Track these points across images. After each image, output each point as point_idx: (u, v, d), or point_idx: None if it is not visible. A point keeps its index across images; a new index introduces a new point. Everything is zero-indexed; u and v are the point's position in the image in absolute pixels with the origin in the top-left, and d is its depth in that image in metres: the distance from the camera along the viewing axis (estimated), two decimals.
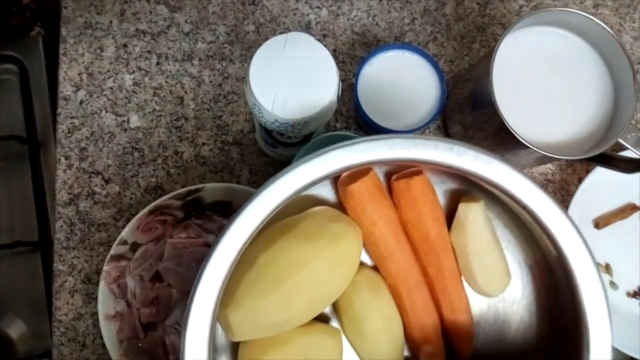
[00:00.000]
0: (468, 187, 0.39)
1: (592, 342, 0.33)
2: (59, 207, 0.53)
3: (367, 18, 0.57)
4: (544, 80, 0.47)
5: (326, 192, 0.39)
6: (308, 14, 0.57)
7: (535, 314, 0.40)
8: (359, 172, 0.36)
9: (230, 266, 0.32)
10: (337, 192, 0.39)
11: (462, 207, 0.38)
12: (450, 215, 0.39)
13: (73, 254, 0.52)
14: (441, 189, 0.40)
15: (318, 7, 0.57)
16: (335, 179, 0.38)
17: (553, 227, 0.34)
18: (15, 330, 0.67)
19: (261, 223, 0.32)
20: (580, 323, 0.34)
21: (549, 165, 0.57)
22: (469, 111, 0.50)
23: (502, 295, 0.41)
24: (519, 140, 0.42)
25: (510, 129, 0.42)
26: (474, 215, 0.38)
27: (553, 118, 0.46)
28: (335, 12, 0.57)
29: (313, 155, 0.33)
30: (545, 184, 0.56)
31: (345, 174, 0.36)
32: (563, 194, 0.56)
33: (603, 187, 0.53)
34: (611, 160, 0.47)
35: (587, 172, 0.53)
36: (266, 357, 0.34)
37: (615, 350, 0.52)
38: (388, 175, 0.39)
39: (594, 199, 0.54)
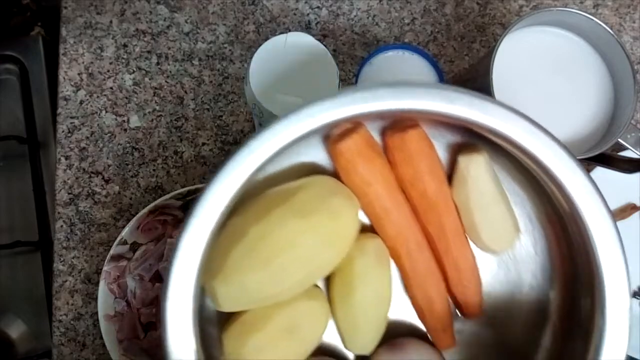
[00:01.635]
0: (470, 138, 0.36)
1: (607, 301, 0.31)
2: (59, 207, 0.53)
3: (367, 18, 0.57)
4: (544, 80, 0.47)
5: (322, 157, 0.37)
6: (308, 14, 0.57)
7: (549, 271, 0.37)
8: (350, 129, 0.34)
9: (212, 232, 0.30)
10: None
11: (463, 160, 0.36)
12: (453, 171, 0.37)
13: (73, 254, 0.52)
14: (442, 143, 0.37)
15: (318, 7, 0.57)
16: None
17: (564, 177, 0.31)
18: (15, 330, 0.67)
19: (241, 188, 0.31)
20: (595, 279, 0.32)
21: None
22: None
23: (513, 254, 0.38)
24: None
25: None
26: (476, 168, 0.35)
27: (553, 118, 0.46)
28: (335, 12, 0.57)
29: (291, 112, 0.31)
30: None
31: (336, 132, 0.34)
32: None
33: (603, 187, 0.53)
34: (611, 160, 0.47)
35: (587, 172, 0.53)
36: (251, 343, 0.33)
37: None
38: (384, 132, 0.36)
39: None
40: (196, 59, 0.55)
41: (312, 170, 0.36)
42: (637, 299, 0.55)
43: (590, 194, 0.31)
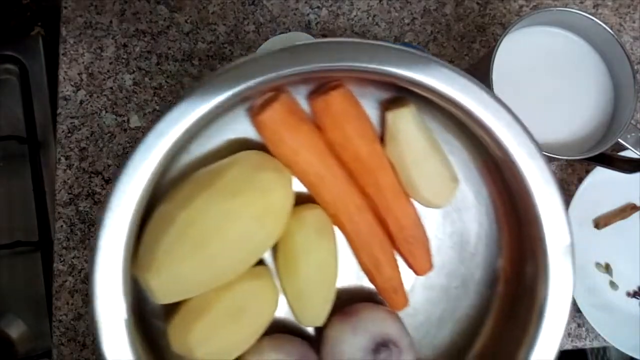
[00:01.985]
0: (399, 93, 0.35)
1: (547, 237, 0.32)
2: (59, 207, 0.53)
3: (367, 18, 0.57)
4: (544, 81, 0.47)
5: (252, 130, 0.35)
6: (308, 14, 0.57)
7: (494, 217, 0.38)
8: (272, 98, 0.33)
9: (131, 224, 0.29)
10: None
11: (390, 116, 0.35)
12: (384, 129, 0.37)
13: (73, 254, 0.52)
14: (371, 100, 0.36)
15: (318, 7, 0.57)
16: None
17: (490, 121, 0.31)
18: (15, 330, 0.67)
19: (155, 174, 0.30)
20: (535, 221, 0.32)
21: None
22: None
23: (456, 204, 0.38)
24: None
25: None
26: (405, 123, 0.35)
27: (553, 118, 0.46)
28: (335, 12, 0.57)
29: (198, 84, 0.29)
30: None
31: (257, 103, 0.33)
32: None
33: (603, 187, 0.53)
34: (611, 160, 0.47)
35: (587, 172, 0.53)
36: (196, 331, 0.32)
37: (615, 350, 0.52)
38: (309, 97, 0.35)
39: (594, 199, 0.54)
40: (196, 59, 0.55)
41: (243, 145, 0.35)
42: (637, 298, 0.55)
43: (518, 136, 0.31)
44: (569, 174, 0.57)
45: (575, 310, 0.53)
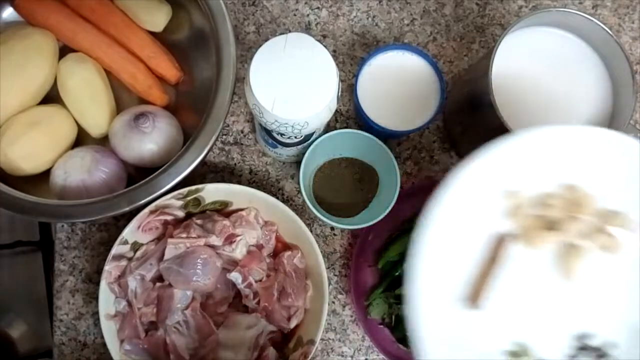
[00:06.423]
0: None
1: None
2: None
3: (367, 19, 0.57)
4: (543, 81, 0.47)
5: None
6: (308, 15, 0.57)
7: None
8: None
9: None
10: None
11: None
12: None
13: (74, 253, 0.52)
14: None
15: (318, 7, 0.57)
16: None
17: None
18: (16, 329, 0.67)
19: None
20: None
21: None
22: (468, 111, 0.50)
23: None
24: None
25: (510, 130, 0.43)
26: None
27: (552, 118, 0.46)
28: (335, 12, 0.57)
29: None
30: None
31: None
32: None
33: None
34: None
35: None
36: (3, 140, 0.46)
37: None
38: None
39: None
40: None
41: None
42: None
43: None
44: None
45: None
